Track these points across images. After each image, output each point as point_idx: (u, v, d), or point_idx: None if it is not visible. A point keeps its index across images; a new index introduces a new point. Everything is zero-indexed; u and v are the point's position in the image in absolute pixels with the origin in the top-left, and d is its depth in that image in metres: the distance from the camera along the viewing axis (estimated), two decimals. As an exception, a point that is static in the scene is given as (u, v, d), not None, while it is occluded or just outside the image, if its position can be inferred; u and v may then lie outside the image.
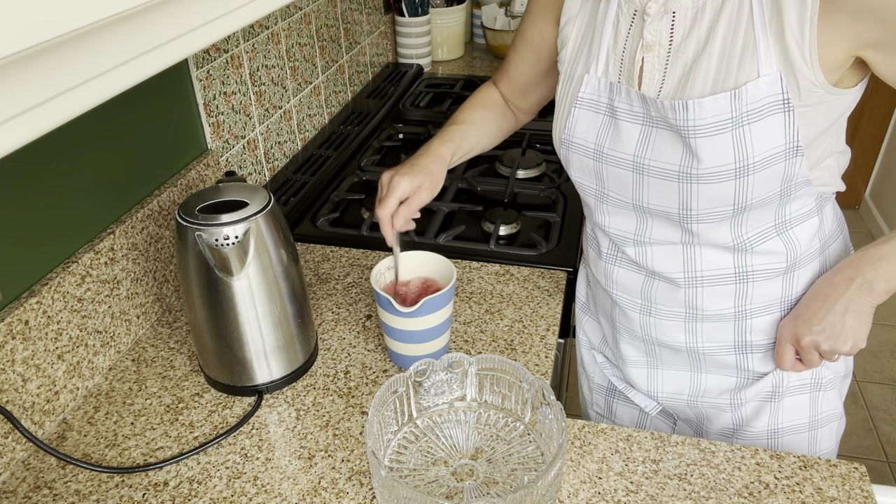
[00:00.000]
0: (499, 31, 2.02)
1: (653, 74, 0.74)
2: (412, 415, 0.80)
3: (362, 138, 1.54)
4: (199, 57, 1.09)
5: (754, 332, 0.85)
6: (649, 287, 0.86)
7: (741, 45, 0.69)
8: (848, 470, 0.77)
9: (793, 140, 0.70)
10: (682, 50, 0.72)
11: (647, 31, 0.74)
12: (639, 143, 0.76)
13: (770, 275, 0.81)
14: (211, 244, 0.78)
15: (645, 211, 0.80)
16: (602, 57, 0.78)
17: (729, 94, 0.69)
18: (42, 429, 0.84)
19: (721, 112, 0.69)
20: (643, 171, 0.77)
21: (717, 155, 0.71)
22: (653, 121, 0.75)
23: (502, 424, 0.81)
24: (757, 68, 0.68)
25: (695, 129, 0.70)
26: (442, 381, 0.80)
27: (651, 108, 0.74)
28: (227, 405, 0.88)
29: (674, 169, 0.74)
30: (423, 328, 0.86)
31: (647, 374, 0.95)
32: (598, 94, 0.79)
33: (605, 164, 0.80)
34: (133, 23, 0.42)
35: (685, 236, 0.80)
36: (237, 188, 0.83)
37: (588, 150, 0.81)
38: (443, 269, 0.91)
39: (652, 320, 0.88)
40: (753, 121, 0.69)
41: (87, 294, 0.89)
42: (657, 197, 0.77)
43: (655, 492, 0.75)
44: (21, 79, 0.35)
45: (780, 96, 0.68)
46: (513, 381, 0.79)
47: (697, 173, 0.72)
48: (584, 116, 0.81)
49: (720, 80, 0.70)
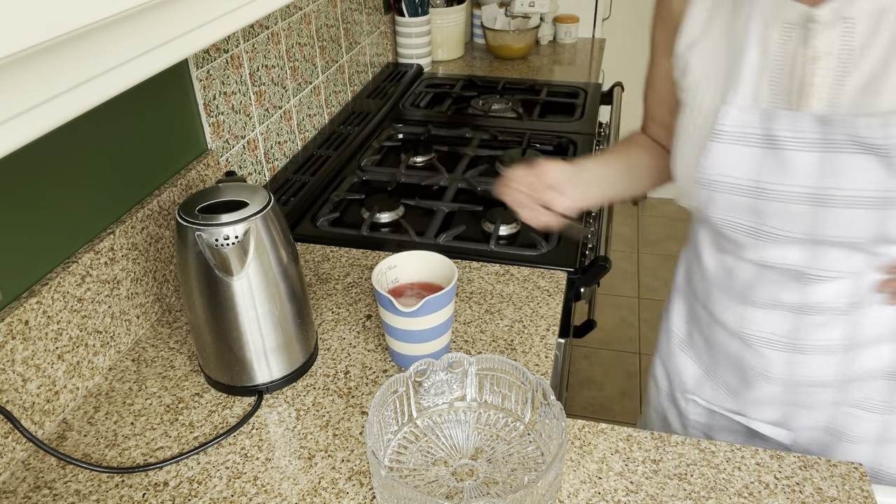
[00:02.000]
0: (499, 31, 2.02)
1: (822, 89, 0.67)
2: (412, 415, 0.80)
3: (362, 138, 1.54)
4: (199, 57, 1.09)
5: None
6: (797, 329, 0.79)
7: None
8: (848, 470, 0.77)
9: None
10: (863, 59, 0.65)
11: (819, 41, 0.66)
12: (816, 173, 0.68)
13: None
14: (211, 244, 0.78)
15: (822, 242, 0.72)
16: (747, 82, 0.70)
17: None
18: (42, 429, 0.84)
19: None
20: (824, 202, 0.69)
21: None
22: (835, 144, 0.66)
23: (502, 424, 0.81)
24: None
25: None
26: (442, 381, 0.80)
27: (833, 131, 0.66)
28: (227, 405, 0.88)
29: (870, 195, 0.66)
30: (425, 328, 0.86)
31: (782, 412, 0.88)
32: (745, 125, 0.70)
33: (768, 200, 0.71)
34: (133, 23, 0.42)
35: (869, 260, 0.73)
36: (237, 188, 0.83)
37: (740, 188, 0.72)
38: (444, 268, 0.91)
39: (800, 358, 0.81)
40: None
41: (87, 294, 0.89)
42: (844, 228, 0.69)
43: (655, 492, 0.75)
44: (21, 79, 0.35)
45: None
46: (513, 381, 0.79)
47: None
48: (730, 152, 0.72)
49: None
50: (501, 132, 1.57)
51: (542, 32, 2.17)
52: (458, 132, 1.57)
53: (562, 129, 1.61)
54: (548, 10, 2.05)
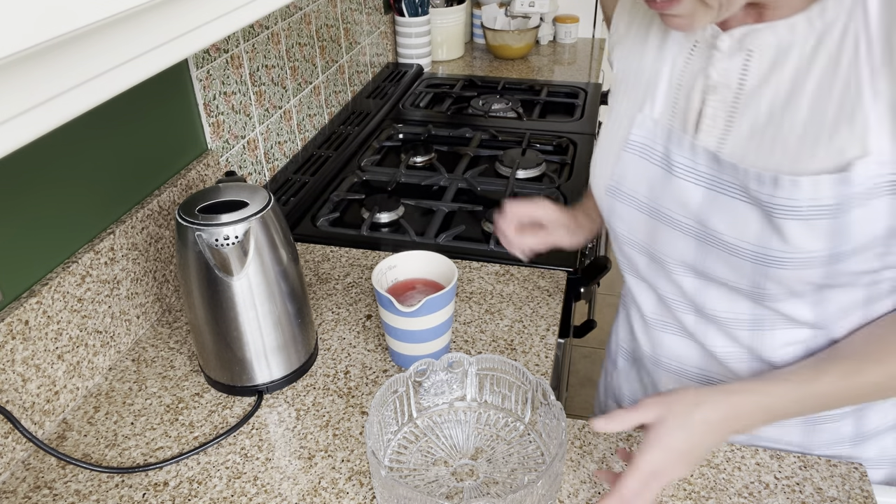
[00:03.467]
0: (499, 31, 2.02)
1: (714, 121, 0.62)
2: (412, 415, 0.80)
3: (362, 138, 1.54)
4: (199, 57, 1.09)
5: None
6: (708, 361, 0.75)
7: (838, 106, 0.55)
8: (848, 470, 0.77)
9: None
10: (755, 98, 0.60)
11: (714, 70, 0.61)
12: (702, 209, 0.64)
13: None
14: (211, 244, 0.78)
15: (707, 278, 0.68)
16: (659, 95, 0.66)
17: (833, 178, 0.55)
18: (42, 429, 0.84)
19: (821, 196, 0.56)
20: (708, 240, 0.64)
21: (809, 241, 0.58)
22: (723, 186, 0.62)
23: (502, 424, 0.81)
24: (864, 142, 0.54)
25: (785, 209, 0.57)
26: (442, 381, 0.80)
27: (724, 172, 0.61)
28: (227, 405, 0.88)
29: (747, 246, 0.61)
30: (425, 328, 0.86)
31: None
32: (653, 140, 0.67)
33: (660, 222, 0.68)
34: (133, 23, 0.42)
35: (756, 310, 0.68)
36: (237, 188, 0.83)
37: (640, 204, 0.69)
38: (444, 268, 0.90)
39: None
40: (857, 206, 0.56)
41: (87, 294, 0.89)
42: (724, 270, 0.65)
43: (655, 492, 0.75)
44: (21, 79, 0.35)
45: (893, 176, 0.54)
46: (513, 382, 0.79)
47: (781, 256, 0.59)
48: (635, 163, 0.68)
49: (810, 148, 0.57)
50: (501, 132, 1.57)
51: (542, 32, 2.17)
52: (458, 132, 1.57)
53: (562, 129, 1.61)
54: (548, 10, 2.05)
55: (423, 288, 0.92)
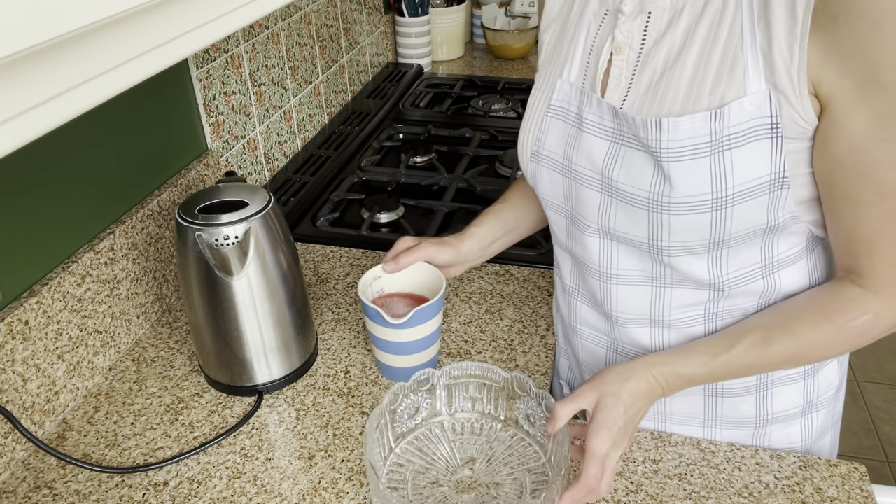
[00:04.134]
0: (499, 31, 2.02)
1: (619, 81, 0.67)
2: (391, 447, 0.78)
3: (362, 138, 1.54)
4: (199, 57, 1.09)
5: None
6: (613, 328, 0.79)
7: (721, 57, 0.60)
8: (848, 470, 0.77)
9: (779, 170, 0.61)
10: (653, 55, 0.64)
11: (619, 31, 0.66)
12: (606, 161, 0.68)
13: (739, 317, 0.72)
14: (211, 244, 0.78)
15: (612, 237, 0.72)
16: (577, 61, 0.71)
17: (709, 114, 0.60)
18: (42, 429, 0.84)
19: (699, 134, 0.61)
20: (611, 192, 0.69)
21: (693, 182, 0.62)
22: (623, 137, 0.66)
23: (479, 428, 0.80)
24: (743, 85, 0.59)
25: (667, 150, 0.62)
26: (411, 403, 0.78)
27: (623, 124, 0.66)
28: (227, 405, 0.88)
29: (643, 194, 0.65)
30: (414, 339, 0.85)
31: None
32: (569, 102, 0.71)
33: (574, 180, 0.72)
34: (133, 23, 0.42)
35: (656, 269, 0.71)
36: (237, 188, 0.83)
37: (557, 164, 0.73)
38: (430, 277, 0.89)
39: (619, 358, 0.81)
40: (735, 146, 0.60)
41: (87, 294, 0.89)
42: (625, 224, 0.69)
43: (655, 492, 0.75)
44: (21, 79, 0.35)
45: (768, 119, 0.59)
46: (482, 384, 0.79)
47: (669, 202, 0.64)
48: (554, 126, 0.73)
49: (695, 96, 0.61)
50: (501, 132, 1.57)
51: (542, 32, 2.17)
52: (458, 132, 1.57)
53: (562, 129, 1.60)
54: (548, 10, 2.05)
55: (409, 298, 0.91)
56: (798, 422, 0.81)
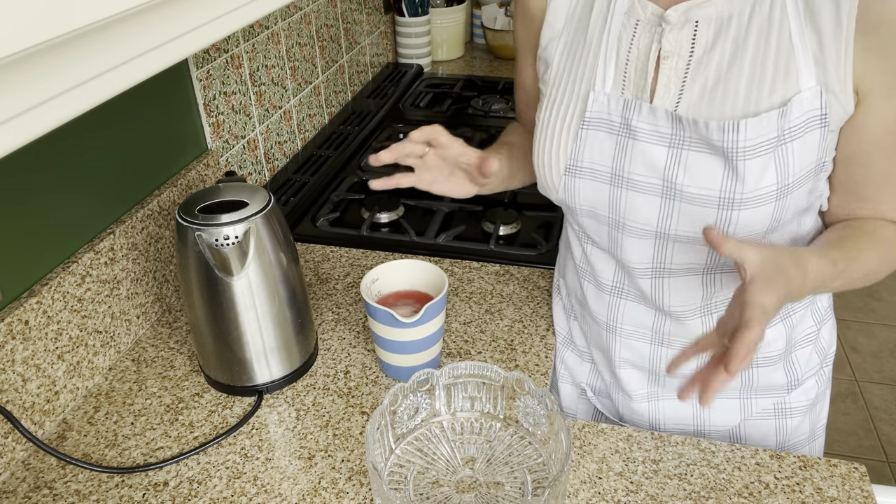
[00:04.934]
0: (499, 31, 2.02)
1: (668, 87, 0.70)
2: (391, 447, 0.78)
3: (362, 138, 1.54)
4: (199, 57, 1.09)
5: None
6: (662, 321, 0.82)
7: (776, 60, 0.66)
8: (848, 470, 0.77)
9: (823, 156, 0.68)
10: (705, 63, 0.69)
11: (667, 41, 0.69)
12: (669, 167, 0.70)
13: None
14: (211, 244, 0.78)
15: (669, 238, 0.75)
16: (609, 72, 0.73)
17: (777, 112, 0.66)
18: (42, 429, 0.84)
19: (769, 131, 0.66)
20: (674, 196, 0.71)
21: (762, 176, 0.67)
22: (685, 142, 0.69)
23: (479, 427, 0.80)
24: (797, 83, 0.66)
25: (743, 149, 0.66)
26: (411, 404, 0.79)
27: (685, 129, 0.69)
28: (227, 405, 0.88)
29: (713, 194, 0.69)
30: (423, 337, 0.85)
31: (649, 407, 0.89)
32: (609, 112, 0.73)
33: (626, 189, 0.73)
34: (133, 23, 0.42)
35: (710, 260, 0.75)
36: (237, 188, 0.83)
37: (603, 176, 0.74)
38: (427, 274, 0.89)
39: (664, 350, 0.84)
40: (795, 138, 0.66)
41: (87, 294, 0.89)
42: (688, 224, 0.72)
43: (655, 492, 0.75)
44: (22, 78, 0.35)
45: (819, 111, 0.66)
46: (481, 382, 0.79)
47: (742, 198, 0.68)
48: (596, 138, 0.74)
49: (755, 97, 0.67)
50: (501, 132, 1.57)
51: (542, 32, 2.17)
52: (459, 132, 1.57)
53: (562, 129, 1.60)
54: (548, 10, 2.05)
55: (409, 298, 0.91)
56: (815, 378, 0.88)
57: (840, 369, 2.32)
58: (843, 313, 2.56)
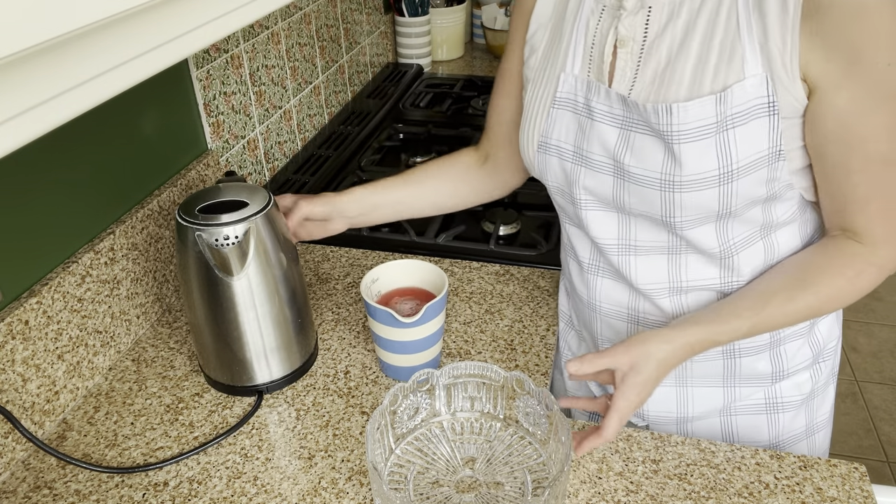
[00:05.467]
0: (499, 31, 2.02)
1: (624, 72, 0.71)
2: (391, 447, 0.78)
3: (362, 138, 1.54)
4: (199, 57, 1.09)
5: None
6: (636, 299, 0.83)
7: (720, 46, 0.66)
8: (848, 470, 0.77)
9: (776, 145, 0.67)
10: (656, 47, 0.69)
11: (623, 26, 0.70)
12: (618, 147, 0.73)
13: (749, 279, 0.78)
14: (211, 244, 0.78)
15: (628, 212, 0.77)
16: (578, 54, 0.75)
17: (715, 98, 0.66)
18: (42, 429, 0.84)
19: (706, 116, 0.66)
20: (623, 176, 0.73)
21: (701, 161, 0.68)
22: (632, 124, 0.71)
23: (479, 427, 0.80)
24: (742, 69, 0.65)
25: (678, 133, 0.67)
26: (411, 404, 0.79)
27: (633, 111, 0.71)
28: (227, 405, 0.88)
29: (655, 176, 0.71)
30: (423, 336, 0.85)
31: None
32: (576, 93, 0.75)
33: (585, 167, 0.76)
34: (133, 23, 0.42)
35: (672, 239, 0.77)
36: (237, 188, 0.83)
37: (567, 153, 0.77)
38: (427, 274, 0.89)
39: (640, 330, 0.84)
40: (738, 125, 0.66)
41: (87, 294, 0.89)
42: (639, 203, 0.74)
43: (655, 492, 0.75)
44: (22, 78, 0.35)
45: (766, 99, 0.65)
46: (481, 382, 0.79)
47: (680, 181, 0.69)
48: (563, 117, 0.77)
49: (698, 82, 0.67)
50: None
51: (542, 32, 2.17)
52: (458, 132, 1.57)
53: (562, 129, 1.60)
54: (548, 10, 2.05)
55: (409, 297, 0.91)
56: (808, 372, 0.87)
57: (840, 369, 2.32)
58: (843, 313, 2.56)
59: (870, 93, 0.63)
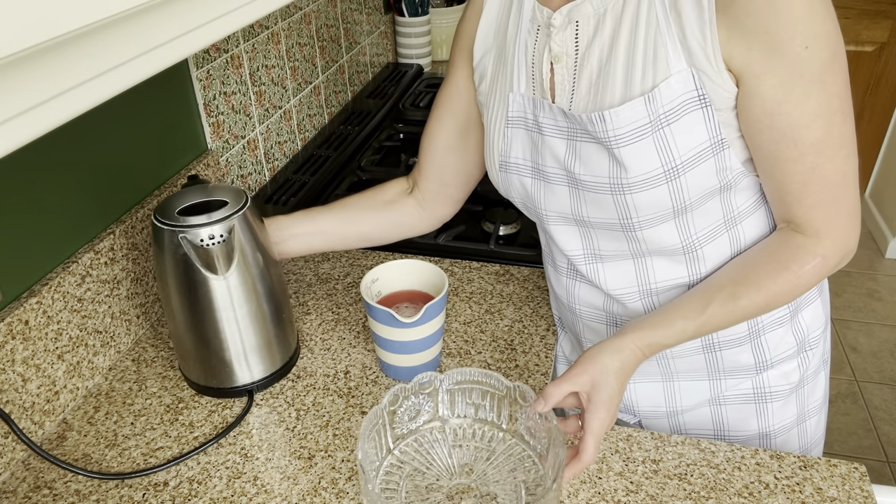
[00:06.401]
0: (499, 31, 2.02)
1: (563, 86, 0.73)
2: (389, 447, 0.78)
3: (362, 138, 1.54)
4: (199, 57, 1.09)
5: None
6: (610, 303, 0.84)
7: (644, 48, 0.67)
8: (848, 470, 0.77)
9: (716, 134, 0.68)
10: (588, 59, 0.71)
11: (554, 42, 0.72)
12: (567, 158, 0.74)
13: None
14: (196, 244, 0.78)
15: (588, 225, 0.78)
16: (523, 74, 0.77)
17: (644, 98, 0.67)
18: (42, 429, 0.84)
19: (638, 118, 0.67)
20: (577, 185, 0.75)
21: (643, 161, 0.68)
22: (577, 134, 0.73)
23: (480, 435, 0.80)
24: (667, 67, 0.66)
25: (616, 138, 0.68)
26: (412, 405, 0.78)
27: (575, 122, 0.72)
28: (226, 405, 0.88)
29: (604, 181, 0.72)
30: (423, 336, 0.85)
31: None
32: (525, 111, 0.77)
33: (543, 181, 0.78)
34: (133, 23, 0.42)
35: (633, 245, 0.77)
36: (204, 189, 0.83)
37: (525, 169, 0.79)
38: (427, 274, 0.89)
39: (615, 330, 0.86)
40: (673, 121, 0.67)
41: (87, 294, 0.89)
42: (596, 210, 0.75)
43: (655, 492, 0.75)
44: (22, 78, 0.35)
45: (695, 93, 0.66)
46: (485, 390, 0.79)
47: (628, 183, 0.70)
48: (518, 135, 0.78)
49: (629, 86, 0.68)
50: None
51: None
52: (458, 132, 1.57)
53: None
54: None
55: (409, 297, 0.91)
56: (796, 361, 0.86)
57: (840, 369, 2.32)
58: (843, 313, 2.56)
59: (792, 78, 0.63)
